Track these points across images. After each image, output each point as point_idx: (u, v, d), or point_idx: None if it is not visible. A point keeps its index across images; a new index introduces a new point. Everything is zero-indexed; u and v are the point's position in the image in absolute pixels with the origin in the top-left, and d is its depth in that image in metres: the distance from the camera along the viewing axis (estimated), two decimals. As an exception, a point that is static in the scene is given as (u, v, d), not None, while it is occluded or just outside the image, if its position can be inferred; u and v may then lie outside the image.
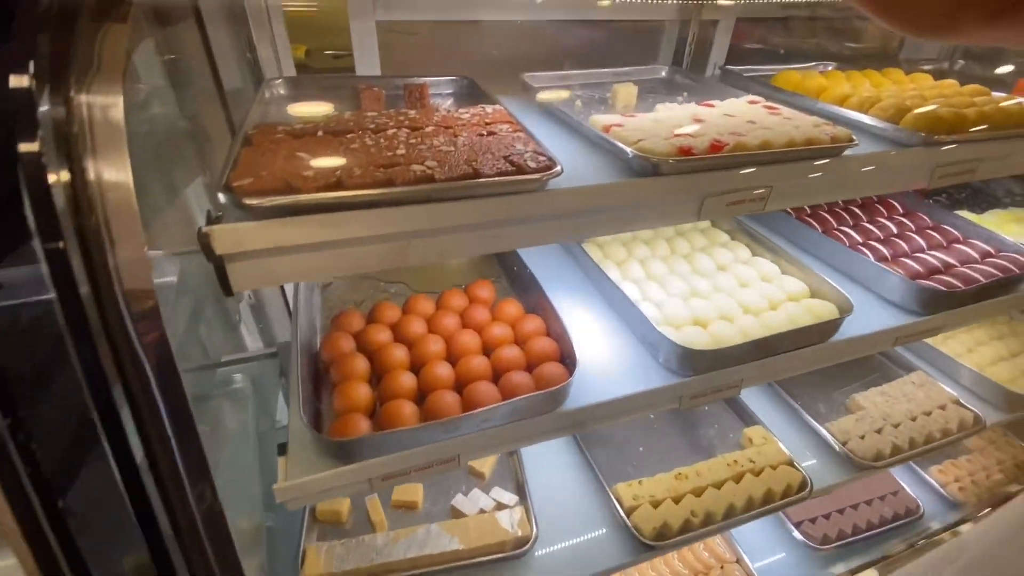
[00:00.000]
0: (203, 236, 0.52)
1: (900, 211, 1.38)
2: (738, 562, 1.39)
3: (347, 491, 0.70)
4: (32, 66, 0.40)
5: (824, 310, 0.93)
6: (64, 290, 0.43)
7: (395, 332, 0.83)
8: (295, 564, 0.92)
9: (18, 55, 0.40)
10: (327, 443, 0.65)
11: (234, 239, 0.54)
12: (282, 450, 0.69)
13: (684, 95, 1.15)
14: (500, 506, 1.00)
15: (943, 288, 1.00)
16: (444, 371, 0.75)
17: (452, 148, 0.68)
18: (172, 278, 0.98)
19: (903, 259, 1.15)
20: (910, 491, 1.54)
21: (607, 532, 1.02)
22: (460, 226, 0.64)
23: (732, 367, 0.85)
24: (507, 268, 1.13)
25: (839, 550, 1.38)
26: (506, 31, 1.28)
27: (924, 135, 0.87)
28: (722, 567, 1.37)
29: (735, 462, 1.08)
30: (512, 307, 0.90)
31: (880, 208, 1.38)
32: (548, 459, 1.16)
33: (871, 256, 1.13)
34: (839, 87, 1.06)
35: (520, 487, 1.06)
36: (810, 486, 1.06)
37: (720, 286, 1.01)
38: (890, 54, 1.68)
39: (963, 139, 0.90)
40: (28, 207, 0.40)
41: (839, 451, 1.15)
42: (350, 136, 0.71)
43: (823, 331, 0.91)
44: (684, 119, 0.85)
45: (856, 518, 1.45)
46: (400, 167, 0.61)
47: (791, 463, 1.11)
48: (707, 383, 0.85)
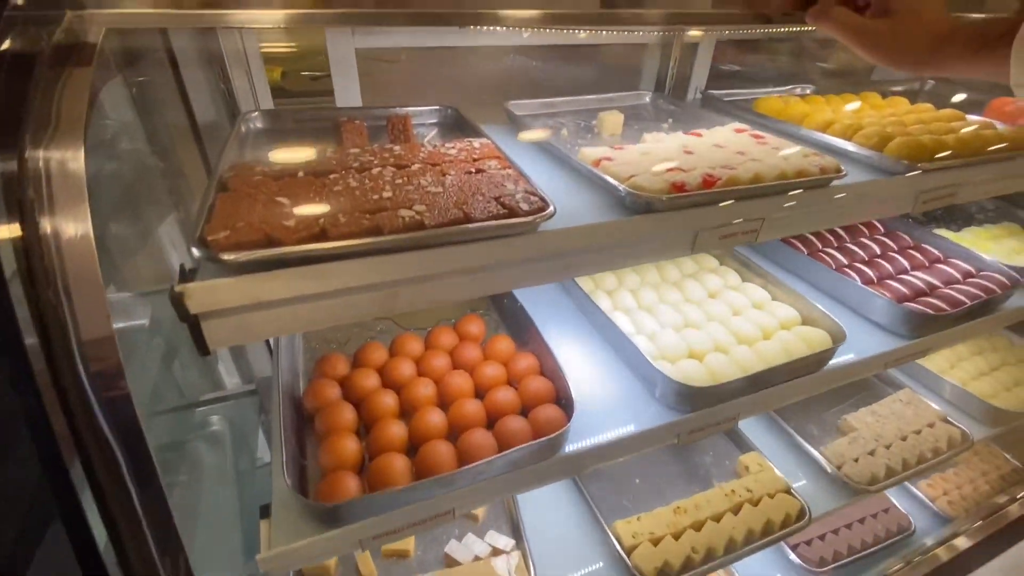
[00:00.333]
0: (175, 295, 0.48)
1: (881, 230, 1.40)
2: (737, 589, 1.37)
3: (335, 554, 0.65)
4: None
5: (817, 338, 0.93)
6: (15, 355, 0.40)
7: (383, 376, 0.79)
8: (279, 623, 0.87)
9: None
10: (314, 507, 0.60)
11: (210, 297, 0.50)
12: (264, 512, 0.65)
13: (669, 121, 1.15)
14: (496, 551, 0.96)
15: (931, 312, 1.00)
16: (436, 418, 0.71)
17: (440, 189, 0.66)
18: (143, 320, 0.93)
19: (889, 281, 1.16)
20: (901, 507, 1.54)
21: (607, 573, 0.99)
22: (451, 271, 0.61)
23: (730, 401, 0.83)
24: (497, 300, 1.11)
25: (836, 571, 1.37)
26: (488, 55, 1.26)
27: (908, 163, 0.88)
28: (721, 595, 1.35)
29: (733, 492, 1.07)
30: (504, 344, 0.87)
31: (862, 228, 1.40)
32: (543, 496, 1.12)
33: (858, 279, 1.13)
34: (821, 113, 1.07)
35: (516, 528, 1.02)
36: (808, 515, 1.05)
37: (713, 314, 1.00)
38: (865, 72, 1.72)
39: (945, 166, 0.91)
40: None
41: (834, 475, 1.14)
42: (333, 176, 0.68)
43: (817, 361, 0.90)
44: (674, 151, 0.84)
45: (850, 538, 1.44)
46: (387, 212, 0.58)
47: (788, 491, 1.09)
48: (705, 418, 0.83)
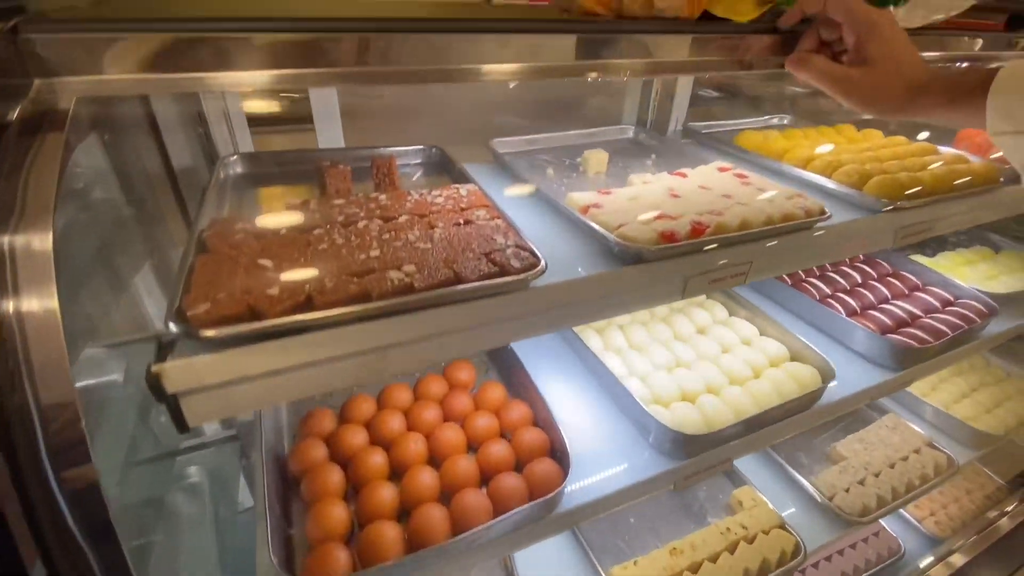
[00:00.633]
0: (152, 376, 0.46)
1: (860, 258, 1.42)
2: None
3: (324, 629, 0.62)
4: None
5: (807, 375, 0.93)
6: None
7: (371, 431, 0.77)
8: None
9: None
10: (301, 584, 0.58)
11: (189, 375, 0.47)
12: (248, 589, 0.61)
13: (653, 157, 1.16)
14: (489, 603, 0.93)
15: (915, 344, 1.02)
16: (428, 479, 0.69)
17: (429, 244, 0.64)
18: (117, 375, 0.89)
19: (871, 311, 1.17)
20: (890, 530, 1.54)
21: (604, 622, 0.97)
22: (441, 332, 0.59)
23: (724, 445, 0.83)
24: (484, 339, 1.09)
25: (830, 601, 1.37)
26: (471, 89, 1.26)
27: (887, 201, 0.90)
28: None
29: (728, 530, 1.06)
30: (495, 392, 0.85)
31: (842, 256, 1.42)
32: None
33: (842, 310, 1.15)
34: (800, 149, 1.09)
35: (510, 575, 1.00)
36: (804, 551, 1.04)
37: (703, 352, 1.00)
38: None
39: (922, 203, 0.93)
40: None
41: (827, 507, 1.14)
42: (318, 232, 0.66)
43: (809, 400, 0.90)
44: (661, 195, 0.84)
45: (843, 564, 1.44)
46: (375, 274, 0.57)
47: (783, 526, 1.09)
48: (700, 463, 0.82)
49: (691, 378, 0.92)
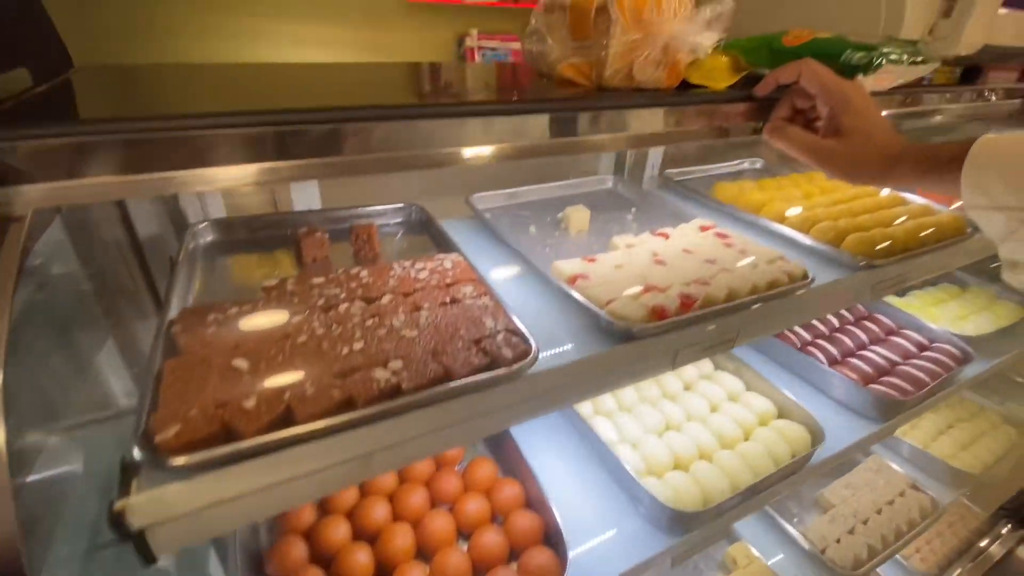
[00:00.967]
0: (115, 515, 0.41)
1: (835, 300, 1.45)
2: None
3: None
4: None
5: (796, 435, 0.93)
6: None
7: (354, 522, 0.72)
8: None
9: None
10: None
11: (158, 508, 0.43)
12: None
13: (633, 211, 1.16)
14: None
15: (899, 396, 1.03)
16: (416, 577, 0.65)
17: (415, 332, 0.62)
18: (77, 466, 0.83)
19: (851, 358, 1.19)
20: (879, 572, 1.55)
21: None
22: (429, 431, 0.56)
23: (720, 517, 0.81)
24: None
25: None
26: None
27: (865, 260, 0.91)
28: None
29: (724, 591, 1.03)
30: (484, 470, 0.82)
31: (818, 298, 1.45)
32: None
33: (823, 359, 1.16)
34: (775, 203, 1.11)
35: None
36: (801, 611, 1.03)
37: (692, 411, 0.99)
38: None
39: (897, 260, 0.95)
40: None
41: (821, 560, 1.13)
42: (296, 320, 0.63)
43: (801, 462, 0.90)
44: (646, 262, 0.84)
45: (835, 608, 1.43)
46: (360, 373, 0.54)
47: (778, 584, 1.07)
48: (698, 536, 0.80)
49: (682, 442, 0.90)
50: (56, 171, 0.45)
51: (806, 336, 1.25)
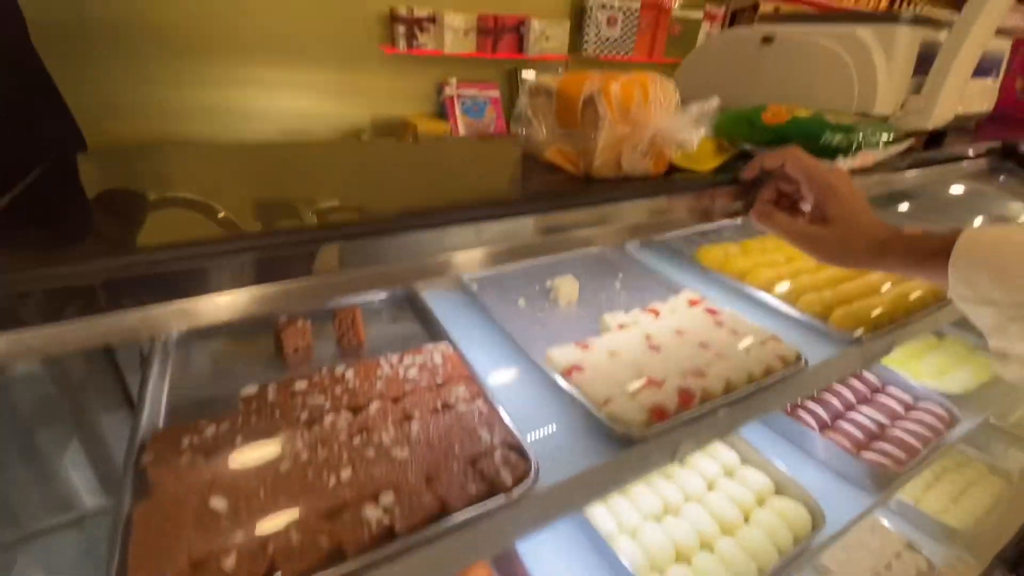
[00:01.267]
0: None
1: (820, 355, 1.46)
2: None
3: None
4: None
5: (795, 515, 0.91)
6: None
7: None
8: None
9: None
10: None
11: None
12: None
13: (620, 277, 1.16)
14: None
15: (893, 467, 1.02)
16: None
17: (406, 451, 0.58)
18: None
19: (840, 421, 1.19)
20: (878, 629, 1.52)
21: None
22: (422, 567, 0.53)
23: (726, 615, 0.78)
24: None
25: None
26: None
27: (854, 335, 0.92)
28: None
29: None
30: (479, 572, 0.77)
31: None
32: None
33: (814, 423, 1.15)
34: (759, 270, 1.11)
35: None
36: None
37: (688, 491, 0.97)
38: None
39: (886, 331, 0.96)
40: None
41: (823, 635, 1.11)
42: (278, 441, 0.59)
43: (803, 546, 0.88)
44: (640, 347, 0.82)
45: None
46: (350, 513, 0.50)
47: (784, 667, 1.03)
48: (704, 638, 0.77)
49: (682, 529, 0.87)
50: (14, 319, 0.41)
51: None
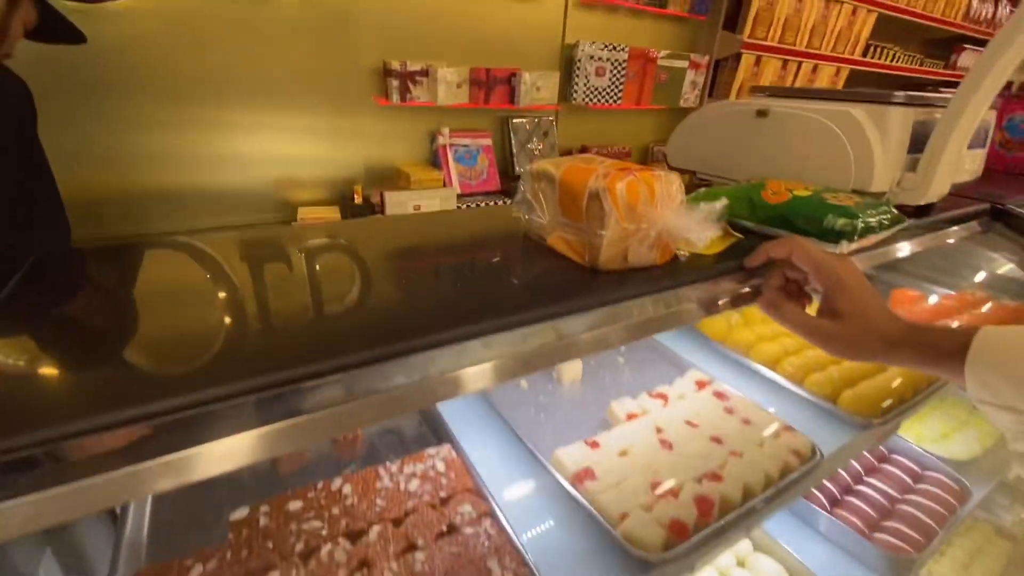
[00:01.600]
0: None
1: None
2: None
3: None
4: None
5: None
6: None
7: None
8: None
9: None
10: None
11: None
12: None
13: (623, 350, 1.13)
14: None
15: (912, 553, 0.99)
16: None
17: (412, 593, 0.54)
18: None
19: (850, 498, 1.15)
20: None
21: None
22: None
23: None
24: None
25: None
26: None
27: (865, 420, 0.89)
28: None
29: None
30: None
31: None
32: None
33: (824, 499, 1.12)
34: (764, 345, 1.10)
35: None
36: None
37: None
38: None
39: (898, 412, 0.94)
40: None
41: None
42: (271, 581, 0.54)
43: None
44: (652, 446, 0.79)
45: None
46: None
47: None
48: None
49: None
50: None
51: (803, 470, 1.21)
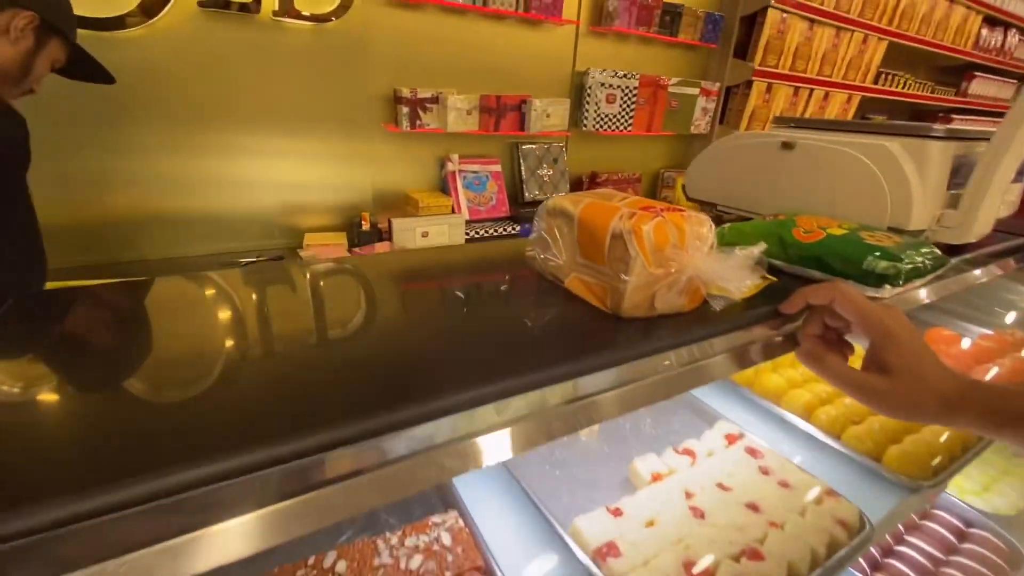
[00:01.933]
0: None
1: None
2: None
3: None
4: None
5: None
6: None
7: None
8: None
9: None
10: None
11: None
12: None
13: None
14: None
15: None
16: None
17: None
18: None
19: (891, 560, 1.06)
20: None
21: None
22: None
23: None
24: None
25: None
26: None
27: (915, 482, 0.81)
28: None
29: None
30: None
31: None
32: None
33: (866, 566, 1.03)
34: (796, 393, 1.02)
35: None
36: None
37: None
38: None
39: (945, 476, 0.85)
40: None
41: None
42: None
43: None
44: (681, 513, 0.71)
45: None
46: None
47: None
48: None
49: None
50: None
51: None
